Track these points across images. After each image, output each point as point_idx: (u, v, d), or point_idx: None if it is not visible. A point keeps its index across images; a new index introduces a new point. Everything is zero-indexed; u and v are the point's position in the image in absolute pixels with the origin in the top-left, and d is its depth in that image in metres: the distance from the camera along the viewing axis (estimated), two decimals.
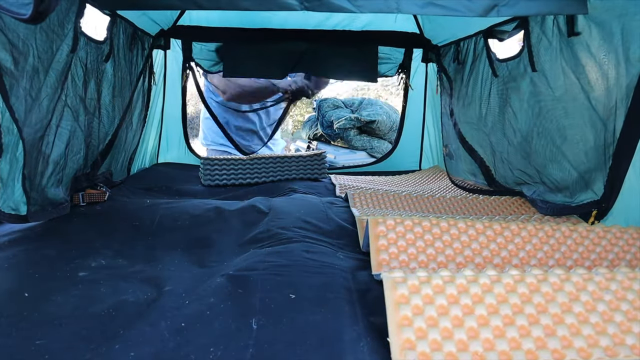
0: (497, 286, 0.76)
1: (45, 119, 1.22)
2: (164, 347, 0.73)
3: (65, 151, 1.35)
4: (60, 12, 1.21)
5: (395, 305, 0.72)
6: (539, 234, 1.10)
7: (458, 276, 0.77)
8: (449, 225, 1.09)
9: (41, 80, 1.17)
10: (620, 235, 1.11)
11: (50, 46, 1.19)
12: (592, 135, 1.23)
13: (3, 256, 1.05)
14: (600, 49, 1.17)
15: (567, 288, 0.77)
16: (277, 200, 1.63)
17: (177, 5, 1.09)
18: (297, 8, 1.06)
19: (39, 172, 1.23)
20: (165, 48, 2.30)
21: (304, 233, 1.26)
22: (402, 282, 0.75)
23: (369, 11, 1.15)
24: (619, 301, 0.76)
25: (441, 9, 1.12)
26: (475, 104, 1.85)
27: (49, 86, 1.21)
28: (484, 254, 1.04)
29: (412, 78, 2.53)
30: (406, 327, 0.69)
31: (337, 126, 3.90)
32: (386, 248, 1.03)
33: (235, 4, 1.07)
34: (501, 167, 1.70)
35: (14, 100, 1.06)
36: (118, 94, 1.70)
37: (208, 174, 2.03)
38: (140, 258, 1.11)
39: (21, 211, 1.17)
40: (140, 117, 2.07)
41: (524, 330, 0.70)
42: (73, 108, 1.36)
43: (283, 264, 1.03)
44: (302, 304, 0.86)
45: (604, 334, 0.71)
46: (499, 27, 1.66)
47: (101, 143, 1.64)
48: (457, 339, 0.68)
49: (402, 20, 2.34)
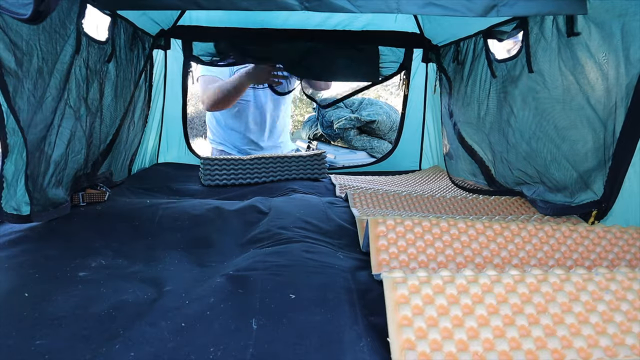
0: (497, 286, 0.76)
1: (48, 119, 1.22)
2: (164, 347, 0.73)
3: (66, 151, 1.35)
4: (62, 13, 1.21)
5: (395, 305, 0.72)
6: (539, 234, 1.10)
7: (458, 276, 0.77)
8: (449, 225, 1.09)
9: (46, 81, 1.17)
10: (620, 235, 1.11)
11: (54, 47, 1.19)
12: (591, 136, 1.23)
13: (3, 256, 1.05)
14: (600, 49, 1.17)
15: (567, 288, 0.77)
16: (277, 200, 1.63)
17: (178, 5, 1.09)
18: (297, 8, 1.06)
19: (41, 172, 1.23)
20: (166, 48, 2.30)
21: (304, 233, 1.26)
22: (402, 282, 0.75)
23: (369, 11, 1.15)
24: (619, 301, 0.76)
25: (441, 9, 1.12)
26: (474, 104, 1.85)
27: (53, 87, 1.21)
28: (484, 254, 1.04)
29: (412, 78, 2.53)
30: (406, 327, 0.70)
31: (337, 126, 3.90)
32: (386, 248, 1.03)
33: (236, 4, 1.07)
34: (501, 167, 1.70)
35: (17, 101, 1.06)
36: (120, 94, 1.70)
37: (208, 174, 2.03)
38: (140, 258, 1.11)
39: (23, 211, 1.17)
40: (141, 117, 2.07)
41: (524, 330, 0.70)
42: (75, 108, 1.36)
43: (283, 264, 1.03)
44: (302, 304, 0.86)
45: (604, 334, 0.71)
46: (498, 28, 1.66)
47: (102, 143, 1.64)
48: (457, 338, 0.68)
49: (402, 20, 2.34)
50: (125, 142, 1.88)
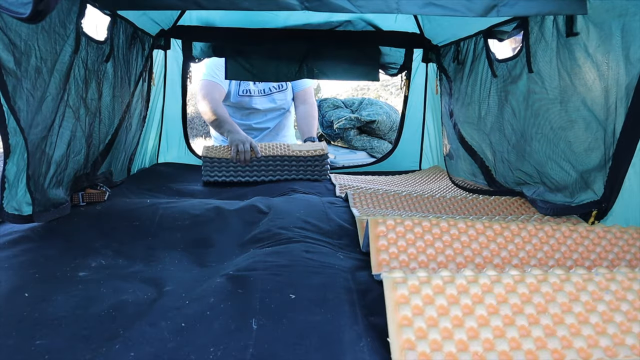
0: (497, 286, 0.76)
1: (49, 120, 1.22)
2: (164, 347, 0.73)
3: (67, 151, 1.35)
4: (62, 13, 1.21)
5: (395, 306, 0.72)
6: (539, 234, 1.10)
7: (458, 276, 0.77)
8: (449, 225, 1.09)
9: (45, 81, 1.17)
10: (620, 235, 1.11)
11: (54, 47, 1.19)
12: (591, 136, 1.23)
13: (3, 256, 1.05)
14: (599, 49, 1.17)
15: (567, 288, 0.77)
16: (277, 200, 1.63)
17: (178, 5, 1.09)
18: (298, 8, 1.06)
19: (42, 172, 1.23)
20: (166, 48, 2.30)
21: (304, 233, 1.26)
22: (402, 283, 0.75)
23: (369, 11, 1.15)
24: (619, 301, 0.76)
25: (441, 9, 1.12)
26: (475, 103, 1.85)
27: (53, 87, 1.21)
28: (484, 254, 1.04)
29: (412, 78, 2.53)
30: (406, 327, 0.70)
31: (337, 126, 3.90)
32: (386, 248, 1.03)
33: (236, 4, 1.07)
34: (501, 167, 1.70)
35: (17, 101, 1.06)
36: (118, 94, 1.70)
37: (207, 171, 2.03)
38: (140, 258, 1.11)
39: (24, 211, 1.17)
40: (140, 117, 2.07)
41: (524, 330, 0.70)
42: (74, 108, 1.36)
43: (283, 264, 1.03)
44: (302, 304, 0.86)
45: (604, 334, 0.71)
46: (499, 28, 1.66)
47: (102, 143, 1.64)
48: (457, 339, 0.68)
49: (403, 20, 2.34)
50: (124, 142, 1.88)
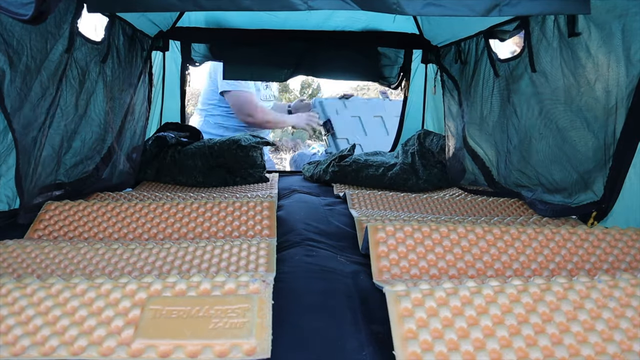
0: (501, 297, 0.75)
1: (39, 119, 1.21)
2: None
3: (59, 152, 1.34)
4: (58, 13, 1.19)
5: (399, 319, 0.71)
6: (539, 237, 1.09)
7: (461, 288, 0.76)
8: (449, 230, 1.08)
9: (34, 79, 1.16)
10: (620, 237, 1.11)
11: (44, 45, 1.17)
12: (592, 136, 1.22)
13: None
14: (600, 49, 1.16)
15: (571, 296, 0.76)
16: (278, 203, 1.62)
17: (177, 6, 1.07)
18: (302, 8, 1.03)
19: (30, 172, 1.22)
20: (164, 49, 2.28)
21: (305, 235, 1.26)
22: (406, 296, 0.74)
23: (369, 10, 1.12)
24: (623, 308, 0.75)
25: (442, 9, 1.10)
26: (478, 103, 1.84)
27: (43, 86, 1.20)
28: (484, 259, 1.03)
29: (412, 79, 2.52)
30: (412, 339, 0.68)
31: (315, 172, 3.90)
32: (386, 255, 1.02)
33: (237, 4, 1.04)
34: (503, 167, 1.69)
35: (7, 100, 1.06)
36: (116, 95, 1.68)
37: None
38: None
39: (10, 210, 1.19)
40: (142, 119, 2.05)
41: (530, 339, 0.70)
42: (66, 109, 1.34)
43: (284, 269, 1.02)
44: (303, 310, 0.86)
45: (611, 341, 0.70)
46: (499, 27, 1.64)
47: (98, 144, 1.62)
48: (463, 350, 0.68)
49: (402, 20, 2.33)
50: (124, 142, 1.86)
